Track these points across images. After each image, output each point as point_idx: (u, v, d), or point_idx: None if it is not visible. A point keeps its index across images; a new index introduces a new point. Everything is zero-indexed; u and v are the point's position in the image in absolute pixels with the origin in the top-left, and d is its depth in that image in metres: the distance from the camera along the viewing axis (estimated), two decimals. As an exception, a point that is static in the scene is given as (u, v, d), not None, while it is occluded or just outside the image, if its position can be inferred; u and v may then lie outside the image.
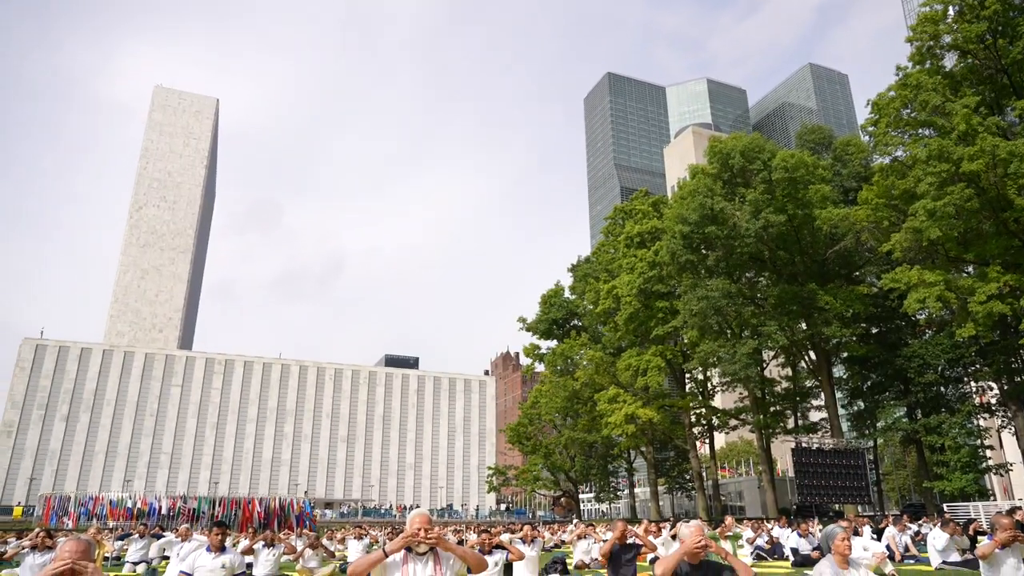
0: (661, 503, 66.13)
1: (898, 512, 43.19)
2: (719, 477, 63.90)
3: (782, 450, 61.61)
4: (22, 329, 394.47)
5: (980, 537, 15.68)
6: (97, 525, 32.77)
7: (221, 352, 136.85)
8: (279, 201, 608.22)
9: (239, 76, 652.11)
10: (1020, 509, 21.27)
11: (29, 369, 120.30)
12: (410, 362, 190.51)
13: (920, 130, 35.86)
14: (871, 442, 50.94)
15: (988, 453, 43.27)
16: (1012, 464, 45.90)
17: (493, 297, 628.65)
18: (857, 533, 16.16)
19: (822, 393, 48.38)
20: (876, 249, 40.01)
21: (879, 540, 16.17)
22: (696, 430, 56.20)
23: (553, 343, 66.87)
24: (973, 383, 45.17)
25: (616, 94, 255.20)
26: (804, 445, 39.64)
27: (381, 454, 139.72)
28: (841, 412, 50.91)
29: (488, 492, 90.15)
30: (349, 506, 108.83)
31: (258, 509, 45.06)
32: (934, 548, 14.00)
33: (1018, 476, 65.25)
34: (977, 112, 32.64)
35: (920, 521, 26.82)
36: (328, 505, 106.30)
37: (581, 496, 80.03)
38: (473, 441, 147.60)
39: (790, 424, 52.07)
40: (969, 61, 35.82)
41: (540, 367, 68.73)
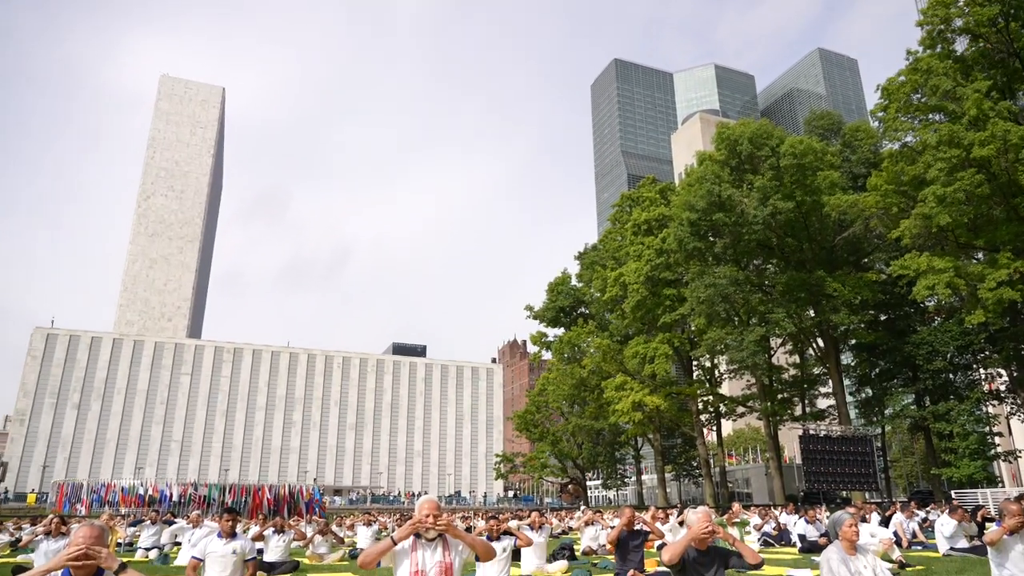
0: (668, 490, 66.31)
1: (906, 499, 43.18)
2: (726, 464, 63.99)
3: (789, 437, 61.62)
4: (33, 318, 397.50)
5: (988, 524, 15.67)
6: (110, 512, 33.13)
7: (230, 341, 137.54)
8: (286, 190, 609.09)
9: (245, 65, 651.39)
10: (1029, 496, 21.24)
11: (40, 358, 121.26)
12: (417, 350, 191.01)
13: (930, 115, 35.51)
14: (879, 429, 50.87)
15: (997, 440, 43.18)
16: (1021, 451, 45.73)
17: (500, 285, 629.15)
18: (864, 520, 16.18)
19: (830, 380, 48.28)
20: (885, 236, 39.76)
21: (886, 527, 16.18)
22: (703, 417, 56.24)
23: (560, 331, 66.89)
24: (982, 370, 44.99)
25: (623, 81, 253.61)
26: (812, 432, 39.62)
27: (389, 441, 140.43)
28: (849, 399, 50.83)
29: (496, 479, 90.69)
30: (358, 493, 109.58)
31: (268, 496, 45.46)
32: (942, 535, 14.00)
33: (1027, 463, 65.05)
34: (988, 97, 32.28)
35: (928, 508, 26.80)
36: (337, 492, 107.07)
37: (588, 483, 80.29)
38: (481, 429, 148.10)
39: (797, 411, 52.02)
40: (980, 45, 35.38)
41: (547, 355, 68.79)
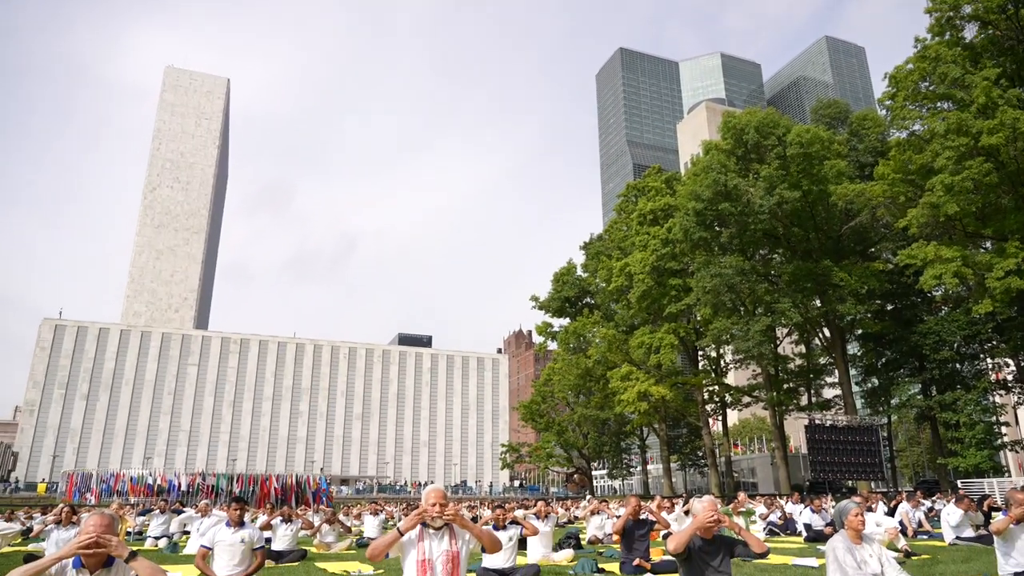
0: (674, 480, 66.46)
1: (911, 489, 43.19)
2: (732, 454, 64.03)
3: (795, 427, 61.54)
4: (41, 310, 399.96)
5: (995, 513, 15.66)
6: (119, 501, 33.43)
7: (236, 332, 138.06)
8: (291, 182, 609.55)
9: (249, 56, 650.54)
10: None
11: (49, 349, 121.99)
12: (423, 341, 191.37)
13: (938, 103, 35.24)
14: (885, 419, 50.79)
15: (1004, 430, 43.05)
16: (1028, 441, 45.57)
17: (505, 276, 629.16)
18: (870, 509, 16.18)
19: (836, 370, 48.23)
20: (892, 225, 39.58)
21: (892, 516, 16.19)
22: (709, 407, 56.28)
23: (566, 321, 66.93)
24: (989, 360, 44.84)
25: (628, 70, 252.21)
26: (818, 422, 39.62)
27: (395, 431, 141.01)
28: (855, 389, 50.77)
29: (502, 469, 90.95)
30: (365, 482, 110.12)
31: (275, 485, 45.79)
32: (948, 524, 14.00)
33: (1034, 452, 64.84)
34: (997, 84, 32.01)
35: (934, 497, 26.81)
36: (344, 482, 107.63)
37: (594, 473, 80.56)
38: (486, 419, 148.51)
39: (803, 401, 52.02)
40: (990, 32, 35.07)
41: (553, 345, 68.87)
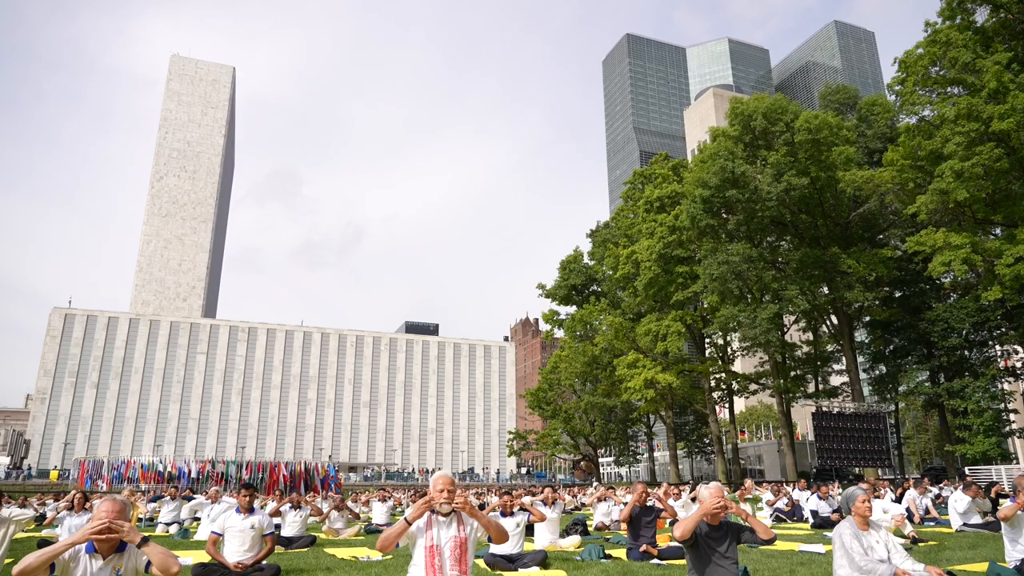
0: (680, 467, 66.59)
1: (919, 476, 43.13)
2: (738, 441, 64.11)
3: (802, 414, 61.59)
4: (51, 298, 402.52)
5: (1002, 500, 15.66)
6: (130, 488, 33.75)
7: (244, 320, 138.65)
8: (298, 170, 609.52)
9: (255, 44, 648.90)
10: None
11: (59, 338, 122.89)
12: (430, 328, 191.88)
13: (949, 88, 34.90)
14: (892, 406, 50.69)
15: (1012, 417, 42.90)
16: (1036, 427, 45.43)
17: (512, 264, 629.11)
18: (877, 496, 16.19)
19: (844, 357, 48.10)
20: (901, 211, 39.33)
21: (899, 503, 16.19)
22: (716, 395, 56.28)
23: (572, 309, 66.91)
24: (998, 347, 44.60)
25: (635, 56, 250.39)
26: (825, 409, 39.58)
27: (403, 419, 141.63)
28: (863, 376, 50.64)
29: (509, 456, 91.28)
30: (373, 470, 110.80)
31: (284, 473, 46.02)
32: (955, 511, 13.99)
33: (1042, 440, 64.65)
34: (1009, 69, 31.68)
35: (941, 484, 26.78)
36: (352, 469, 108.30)
37: (601, 460, 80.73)
38: (493, 406, 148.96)
39: (811, 388, 51.93)
40: (1001, 15, 34.61)
41: (559, 333, 68.91)
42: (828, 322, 48.87)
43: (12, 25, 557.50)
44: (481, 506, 17.85)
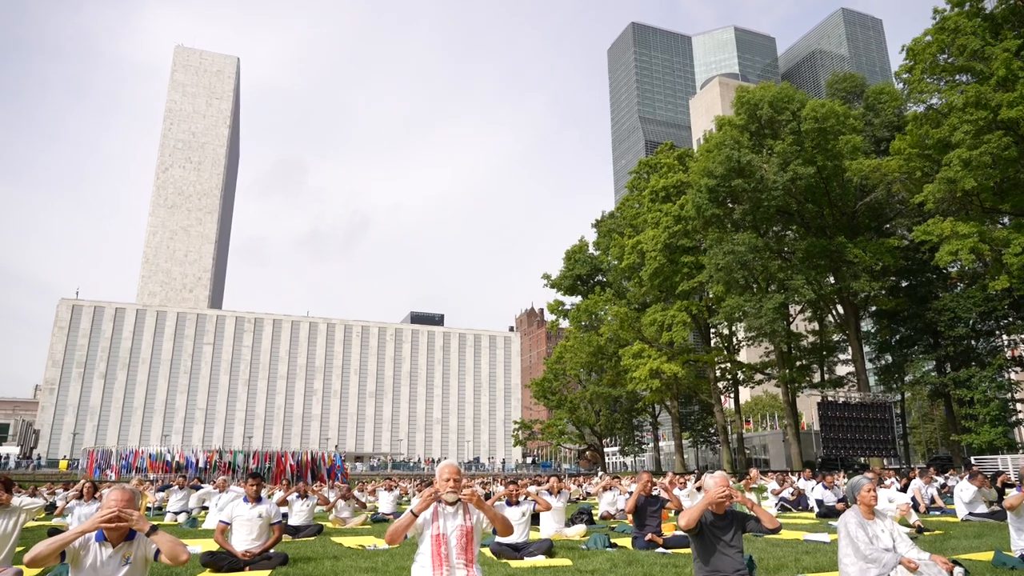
0: (686, 456, 66.70)
1: (924, 465, 43.11)
2: (744, 431, 64.16)
3: (808, 404, 61.55)
4: (58, 290, 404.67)
5: (1008, 489, 15.64)
6: (139, 477, 34.00)
7: (250, 311, 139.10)
8: (303, 161, 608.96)
9: (259, 34, 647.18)
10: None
11: (67, 329, 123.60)
12: (435, 319, 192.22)
13: (957, 76, 34.62)
14: (898, 396, 50.59)
15: (1019, 407, 42.79)
16: (1043, 417, 45.31)
17: (517, 254, 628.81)
18: (883, 485, 16.20)
19: (849, 347, 48.00)
20: (908, 201, 39.13)
21: (905, 493, 16.20)
22: (721, 384, 56.26)
23: (577, 299, 66.89)
24: (1005, 336, 44.43)
25: (640, 45, 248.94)
26: (830, 399, 39.54)
27: (409, 409, 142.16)
28: (868, 366, 50.53)
29: (514, 446, 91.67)
30: (379, 459, 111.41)
31: (291, 462, 46.25)
32: (961, 500, 14.00)
33: (1049, 429, 64.36)
34: (1018, 56, 31.38)
35: (946, 474, 26.78)
36: (358, 459, 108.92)
37: (606, 450, 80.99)
38: (499, 396, 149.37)
39: (816, 378, 51.86)
40: (1011, 2, 34.26)
41: (564, 323, 68.96)
42: (834, 312, 48.74)
43: (17, 16, 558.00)
44: (487, 496, 17.94)
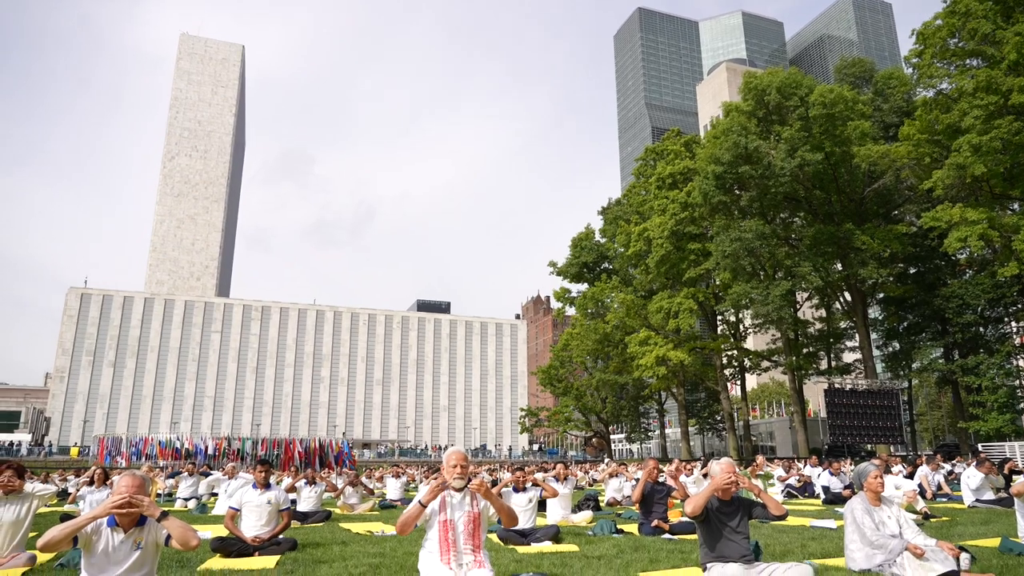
0: (692, 443, 66.81)
1: (931, 452, 43.06)
2: (750, 418, 64.20)
3: (814, 391, 61.42)
4: (67, 278, 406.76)
5: (1015, 476, 15.62)
6: (149, 464, 34.33)
7: (258, 299, 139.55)
8: (310, 150, 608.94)
9: (264, 22, 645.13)
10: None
11: (76, 317, 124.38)
12: (442, 307, 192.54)
13: (967, 60, 34.27)
14: (906, 383, 50.48)
15: (1027, 394, 42.66)
16: (1052, 404, 45.15)
17: (523, 241, 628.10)
18: (889, 471, 16.19)
19: (857, 334, 47.85)
20: (917, 187, 38.85)
21: (911, 479, 16.20)
22: (727, 372, 56.24)
23: (584, 286, 66.86)
24: (1014, 323, 44.22)
25: (647, 30, 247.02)
26: (837, 386, 39.49)
27: (415, 396, 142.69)
28: (876, 353, 50.40)
29: (521, 433, 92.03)
30: (386, 446, 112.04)
31: (299, 449, 46.60)
32: (968, 487, 13.97)
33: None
34: (1030, 40, 30.98)
35: (953, 461, 26.73)
36: (366, 446, 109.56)
37: (612, 437, 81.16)
38: (505, 384, 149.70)
39: (823, 365, 51.76)
40: (1024, -15, 33.82)
41: (571, 311, 68.97)
42: (841, 299, 48.56)
43: (23, 5, 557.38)
44: (493, 483, 18.03)
